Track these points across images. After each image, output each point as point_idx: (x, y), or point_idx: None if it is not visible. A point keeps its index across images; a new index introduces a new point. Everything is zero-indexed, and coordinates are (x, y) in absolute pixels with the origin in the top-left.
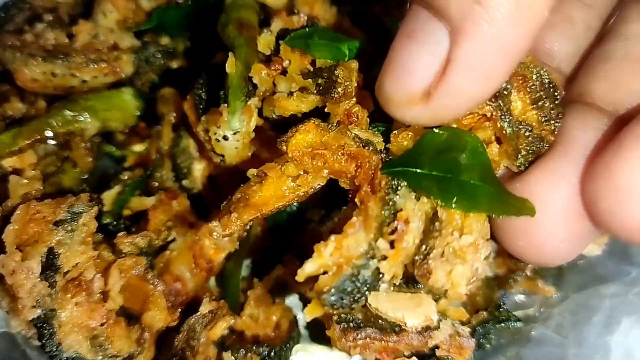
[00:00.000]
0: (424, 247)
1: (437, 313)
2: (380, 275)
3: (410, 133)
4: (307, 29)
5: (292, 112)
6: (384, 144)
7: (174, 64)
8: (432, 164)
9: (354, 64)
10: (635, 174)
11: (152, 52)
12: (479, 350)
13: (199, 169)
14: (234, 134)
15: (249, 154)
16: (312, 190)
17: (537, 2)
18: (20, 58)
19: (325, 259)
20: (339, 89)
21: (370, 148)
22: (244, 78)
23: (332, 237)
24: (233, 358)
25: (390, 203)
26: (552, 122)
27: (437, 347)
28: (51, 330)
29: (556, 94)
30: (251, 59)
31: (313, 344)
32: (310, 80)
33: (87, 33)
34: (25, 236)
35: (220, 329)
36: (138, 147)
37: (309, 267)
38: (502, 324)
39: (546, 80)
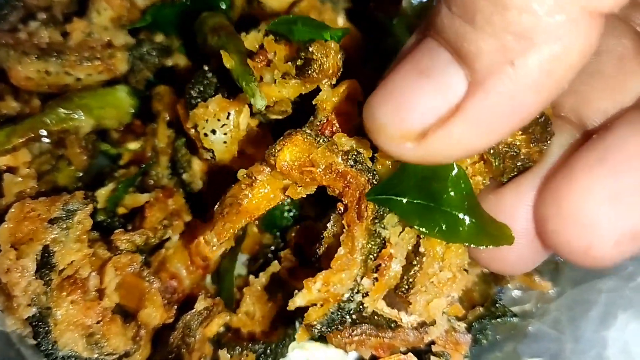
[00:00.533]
0: (405, 280)
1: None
2: (363, 308)
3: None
4: (292, 16)
5: (276, 99)
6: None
7: (169, 62)
8: (415, 192)
9: (333, 44)
10: (582, 201)
11: (147, 50)
12: (476, 345)
13: (198, 163)
14: (222, 126)
15: (237, 152)
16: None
17: (563, 75)
18: (14, 56)
19: (314, 295)
20: (315, 66)
21: (359, 167)
22: (244, 63)
23: (321, 274)
24: (229, 356)
25: (376, 235)
26: (540, 143)
27: (433, 342)
28: (47, 328)
29: (547, 125)
30: (241, 46)
31: (309, 341)
32: (290, 63)
33: (81, 31)
34: (20, 234)
35: (216, 326)
36: (133, 145)
37: (298, 301)
38: (499, 320)
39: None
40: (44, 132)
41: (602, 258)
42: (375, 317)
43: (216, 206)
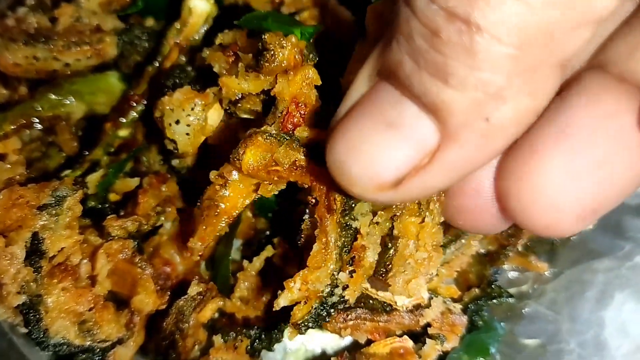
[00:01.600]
0: (383, 263)
1: (428, 291)
2: (345, 300)
3: None
4: (263, 12)
5: (237, 93)
6: None
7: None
8: None
9: (295, 39)
10: (543, 179)
11: (137, 35)
12: (472, 327)
13: None
14: (186, 116)
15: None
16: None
17: (530, 119)
18: (1, 43)
19: (295, 294)
20: (267, 55)
21: (321, 159)
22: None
23: (299, 274)
24: (223, 341)
25: (347, 227)
26: None
27: (429, 325)
28: (37, 316)
29: None
30: None
31: None
32: (251, 55)
33: (69, 16)
34: (9, 221)
35: (210, 311)
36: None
37: (282, 302)
38: (495, 300)
39: None
40: (35, 119)
41: (563, 232)
42: (370, 300)
43: (195, 209)
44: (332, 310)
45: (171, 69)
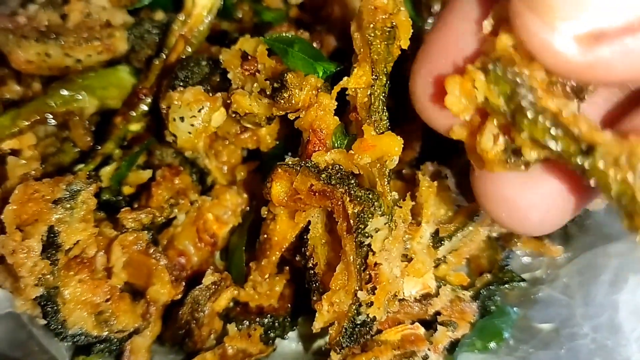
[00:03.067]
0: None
1: (437, 279)
2: (373, 317)
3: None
4: (291, 36)
5: (246, 111)
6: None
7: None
8: None
9: (313, 79)
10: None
11: (147, 28)
12: (484, 312)
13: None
14: (191, 117)
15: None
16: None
17: None
18: (14, 40)
19: (326, 316)
20: (285, 94)
21: (334, 181)
22: None
23: (325, 296)
24: (237, 329)
25: (361, 245)
26: None
27: (439, 313)
28: (55, 307)
29: None
30: None
31: None
32: (268, 82)
33: (79, 12)
34: (25, 216)
35: (224, 300)
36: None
37: (317, 325)
38: (507, 285)
39: None
40: (49, 115)
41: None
42: None
43: (257, 246)
44: (365, 328)
45: (186, 60)
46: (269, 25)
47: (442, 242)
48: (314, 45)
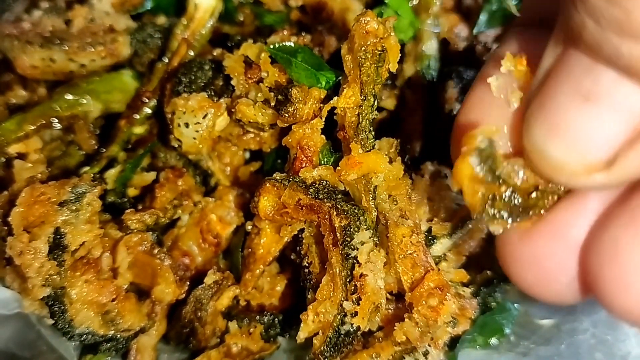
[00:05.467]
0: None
1: None
2: (357, 327)
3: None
4: (294, 45)
5: (250, 120)
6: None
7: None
8: None
9: (317, 92)
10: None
11: (149, 33)
12: (485, 308)
13: None
14: (196, 123)
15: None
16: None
17: None
18: (19, 46)
19: (311, 326)
20: (290, 109)
21: (321, 196)
22: None
23: (310, 307)
24: (238, 327)
25: (347, 257)
26: None
27: None
28: (62, 307)
29: None
30: None
31: None
32: (273, 93)
33: (83, 17)
34: (32, 218)
35: (226, 299)
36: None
37: (302, 335)
38: (507, 282)
39: None
40: (54, 119)
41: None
42: None
43: (240, 260)
44: (348, 338)
45: (190, 64)
46: (270, 28)
47: (434, 241)
48: (316, 49)
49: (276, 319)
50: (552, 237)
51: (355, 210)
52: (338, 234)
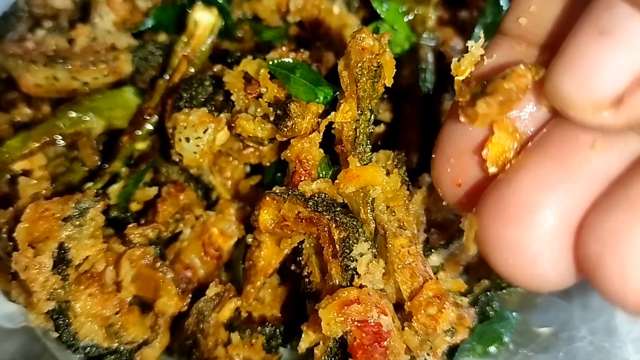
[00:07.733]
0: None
1: None
2: None
3: (353, 180)
4: (292, 61)
5: (249, 134)
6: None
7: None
8: None
9: (315, 107)
10: None
11: (151, 50)
12: (483, 317)
13: None
14: (196, 138)
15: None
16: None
17: None
18: (22, 65)
19: (312, 336)
20: (289, 123)
21: (320, 209)
22: None
23: (311, 317)
24: (240, 338)
25: (346, 269)
26: None
27: None
28: (67, 321)
29: None
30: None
31: None
32: (272, 108)
33: (85, 36)
34: (37, 233)
35: (228, 311)
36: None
37: (303, 345)
38: (505, 291)
39: None
40: (58, 136)
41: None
42: None
43: (241, 272)
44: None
45: (190, 81)
46: (269, 44)
47: (432, 251)
48: (314, 65)
49: (277, 330)
50: (533, 221)
51: (354, 223)
52: (337, 246)
